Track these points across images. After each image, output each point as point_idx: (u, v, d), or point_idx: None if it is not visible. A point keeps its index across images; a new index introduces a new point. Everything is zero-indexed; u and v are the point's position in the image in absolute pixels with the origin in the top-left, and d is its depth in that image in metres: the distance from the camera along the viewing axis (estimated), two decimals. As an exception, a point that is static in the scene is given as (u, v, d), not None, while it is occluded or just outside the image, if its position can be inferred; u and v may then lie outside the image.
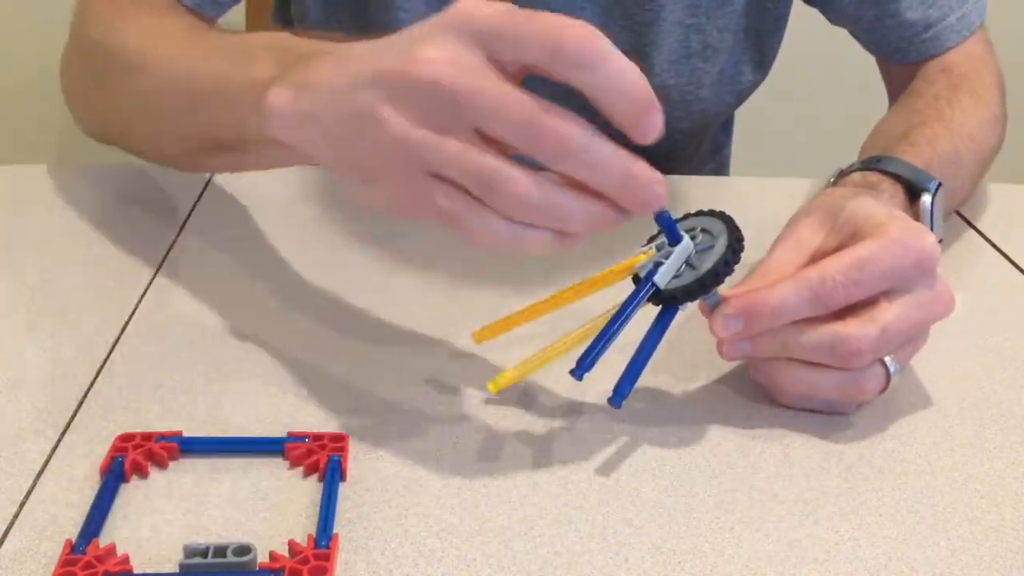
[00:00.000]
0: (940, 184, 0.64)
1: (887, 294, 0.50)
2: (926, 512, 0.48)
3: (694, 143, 0.93)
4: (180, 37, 0.63)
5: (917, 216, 0.63)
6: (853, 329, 0.49)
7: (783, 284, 0.50)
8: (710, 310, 0.51)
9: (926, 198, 0.63)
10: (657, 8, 0.79)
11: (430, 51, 0.43)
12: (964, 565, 0.45)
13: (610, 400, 0.47)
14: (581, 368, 0.47)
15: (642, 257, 0.50)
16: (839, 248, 0.52)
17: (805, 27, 0.89)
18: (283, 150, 0.51)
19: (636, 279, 0.50)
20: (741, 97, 0.90)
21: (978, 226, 0.76)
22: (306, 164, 0.53)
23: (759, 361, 0.53)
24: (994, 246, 0.74)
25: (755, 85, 0.89)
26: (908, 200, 0.64)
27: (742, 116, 1.03)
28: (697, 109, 0.86)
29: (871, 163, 0.65)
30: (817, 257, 0.53)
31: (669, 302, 0.50)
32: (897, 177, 0.64)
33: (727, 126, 1.02)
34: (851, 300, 0.50)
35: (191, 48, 0.61)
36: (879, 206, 0.54)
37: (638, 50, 0.81)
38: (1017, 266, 0.71)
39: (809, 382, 0.52)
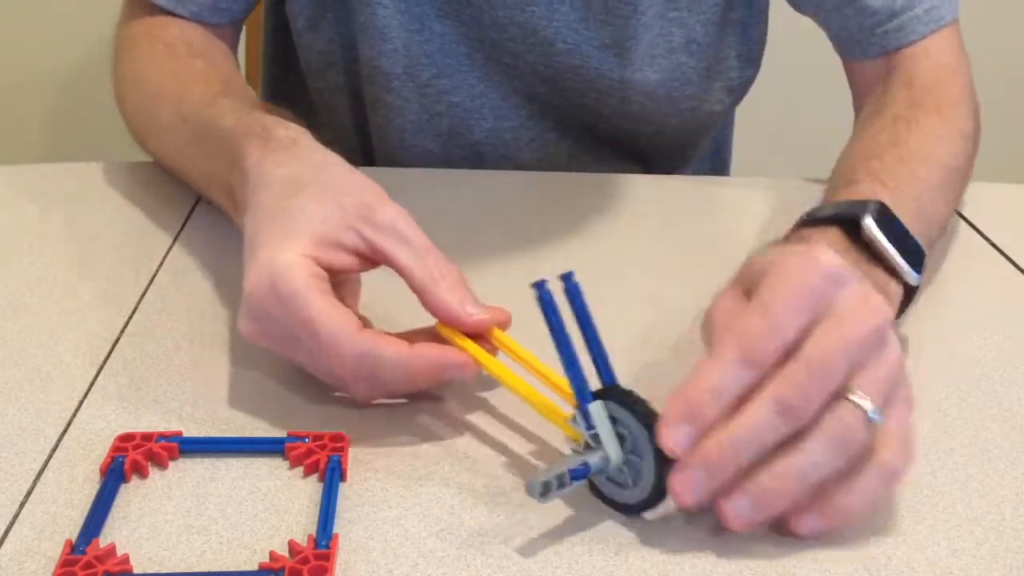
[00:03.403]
0: (881, 205, 0.57)
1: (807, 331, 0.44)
2: (926, 512, 0.48)
3: (691, 143, 0.93)
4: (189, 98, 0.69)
5: (873, 249, 0.56)
6: (785, 379, 0.43)
7: (707, 364, 0.44)
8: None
9: (866, 221, 0.56)
10: (635, 2, 0.79)
11: (243, 324, 0.51)
12: (964, 565, 0.45)
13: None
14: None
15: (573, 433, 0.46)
16: None
17: (807, 25, 0.89)
18: None
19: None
20: (734, 94, 0.89)
21: (978, 226, 0.76)
22: None
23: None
24: (994, 246, 0.74)
25: (747, 82, 0.89)
26: (850, 236, 0.56)
27: (742, 118, 1.03)
28: (687, 107, 0.85)
29: (803, 220, 0.59)
30: None
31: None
32: (828, 220, 0.57)
33: (727, 127, 1.02)
34: (781, 344, 0.44)
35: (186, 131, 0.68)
36: (775, 249, 0.50)
37: (618, 44, 0.81)
38: (1017, 266, 0.71)
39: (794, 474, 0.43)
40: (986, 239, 0.75)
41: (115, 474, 0.47)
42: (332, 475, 0.47)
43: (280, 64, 0.97)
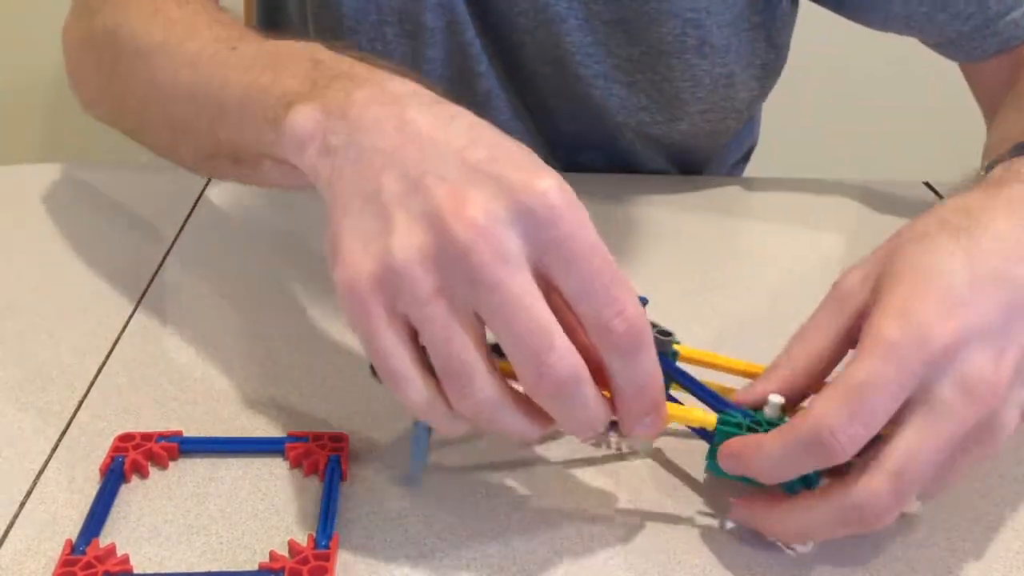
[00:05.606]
0: None
1: (899, 412, 0.41)
2: (926, 512, 0.48)
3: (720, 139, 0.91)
4: (203, 36, 0.56)
5: None
6: (861, 489, 0.40)
7: (771, 442, 0.41)
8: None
9: None
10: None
11: (477, 214, 0.38)
12: (964, 565, 0.45)
13: None
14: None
15: None
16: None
17: (814, 28, 0.88)
18: (292, 172, 0.45)
19: None
20: (760, 99, 0.87)
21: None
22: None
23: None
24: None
25: (768, 89, 0.87)
26: None
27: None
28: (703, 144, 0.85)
29: (1020, 150, 0.54)
30: (858, 319, 0.44)
31: None
32: None
33: (749, 139, 1.00)
34: (861, 442, 0.40)
35: (214, 52, 0.54)
36: (908, 267, 0.44)
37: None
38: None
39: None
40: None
41: (115, 474, 0.47)
42: (332, 475, 0.47)
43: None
